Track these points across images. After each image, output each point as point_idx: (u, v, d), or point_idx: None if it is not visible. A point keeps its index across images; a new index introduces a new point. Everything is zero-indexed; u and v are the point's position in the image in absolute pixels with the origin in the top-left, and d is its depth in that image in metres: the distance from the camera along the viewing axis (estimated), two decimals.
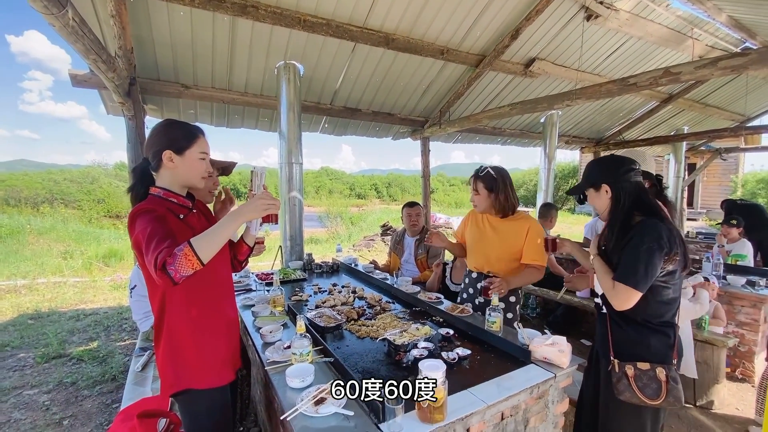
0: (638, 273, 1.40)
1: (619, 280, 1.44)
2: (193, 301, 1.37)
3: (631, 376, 1.48)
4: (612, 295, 1.47)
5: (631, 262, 1.43)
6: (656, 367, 1.48)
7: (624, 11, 4.24)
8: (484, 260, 2.24)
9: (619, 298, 1.44)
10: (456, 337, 1.91)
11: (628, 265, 1.43)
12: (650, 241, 1.42)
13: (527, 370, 1.57)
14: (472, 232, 2.34)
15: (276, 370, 1.55)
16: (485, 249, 2.24)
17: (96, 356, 3.66)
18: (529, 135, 6.95)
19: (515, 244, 2.14)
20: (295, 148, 3.65)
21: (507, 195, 2.15)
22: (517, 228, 2.15)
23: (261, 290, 2.74)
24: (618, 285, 1.44)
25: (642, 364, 1.49)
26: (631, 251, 1.44)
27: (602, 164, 1.65)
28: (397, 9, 3.52)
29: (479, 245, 2.28)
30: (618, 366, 1.51)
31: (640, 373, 1.48)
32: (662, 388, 1.45)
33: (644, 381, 1.47)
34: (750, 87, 6.78)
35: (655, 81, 2.73)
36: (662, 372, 1.47)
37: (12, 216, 12.17)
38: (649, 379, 1.47)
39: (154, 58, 3.46)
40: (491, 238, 2.22)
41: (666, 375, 1.47)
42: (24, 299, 5.55)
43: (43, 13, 1.58)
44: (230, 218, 1.28)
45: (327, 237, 12.33)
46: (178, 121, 1.42)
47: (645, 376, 1.48)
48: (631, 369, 1.49)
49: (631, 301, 1.43)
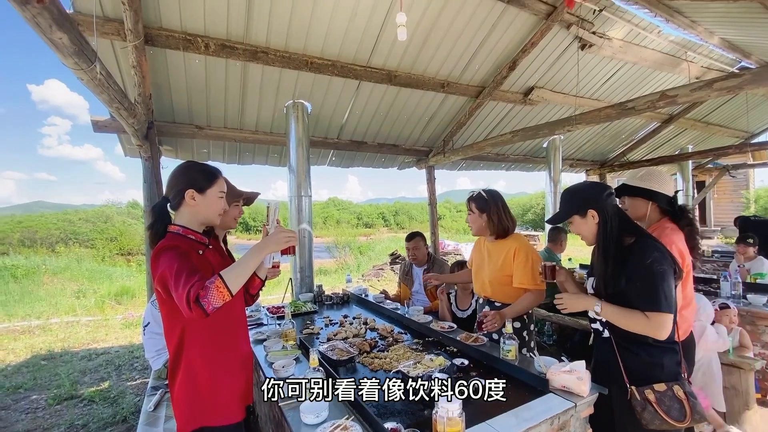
0: (668, 295, 1.42)
1: (653, 309, 1.42)
2: (211, 337, 1.39)
3: (653, 401, 1.44)
4: (649, 327, 1.44)
5: (655, 288, 1.42)
6: (673, 386, 1.45)
7: (617, 39, 4.40)
8: (481, 285, 2.28)
9: (659, 325, 1.42)
10: (471, 367, 1.88)
11: (654, 292, 1.42)
12: (662, 262, 1.44)
13: (546, 400, 1.53)
14: (476, 258, 2.38)
15: (290, 406, 1.53)
16: (482, 273, 2.28)
17: (107, 397, 3.63)
18: (532, 160, 7.04)
19: (505, 266, 2.14)
20: (304, 181, 3.75)
21: (499, 216, 2.16)
22: (506, 248, 2.15)
23: (272, 324, 2.73)
24: (653, 315, 1.42)
25: (659, 386, 1.46)
26: (649, 277, 1.44)
27: (584, 190, 1.68)
28: (398, 48, 3.71)
29: (479, 270, 2.32)
30: (638, 393, 1.47)
31: (661, 395, 1.44)
32: (685, 407, 1.42)
33: (667, 403, 1.43)
34: (750, 104, 6.85)
35: (652, 104, 2.80)
36: (679, 390, 1.44)
37: (28, 257, 12.44)
38: (670, 400, 1.43)
39: (170, 103, 3.66)
40: (486, 261, 2.26)
41: (684, 392, 1.44)
42: (38, 340, 5.58)
43: (73, 68, 1.72)
44: (255, 251, 1.36)
45: (336, 267, 12.31)
46: (199, 163, 1.50)
47: (666, 397, 1.44)
48: (651, 393, 1.45)
49: (670, 324, 1.43)
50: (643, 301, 1.45)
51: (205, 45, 3.06)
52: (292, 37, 3.31)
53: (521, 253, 2.11)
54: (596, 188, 1.65)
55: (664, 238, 1.74)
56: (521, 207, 28.15)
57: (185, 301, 1.17)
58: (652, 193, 1.86)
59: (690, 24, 3.86)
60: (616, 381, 1.55)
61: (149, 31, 2.85)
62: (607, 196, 1.60)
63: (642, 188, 1.87)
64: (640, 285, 1.45)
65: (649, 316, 1.43)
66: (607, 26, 4.21)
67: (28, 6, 1.16)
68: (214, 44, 3.09)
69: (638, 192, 1.89)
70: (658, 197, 1.86)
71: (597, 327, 1.67)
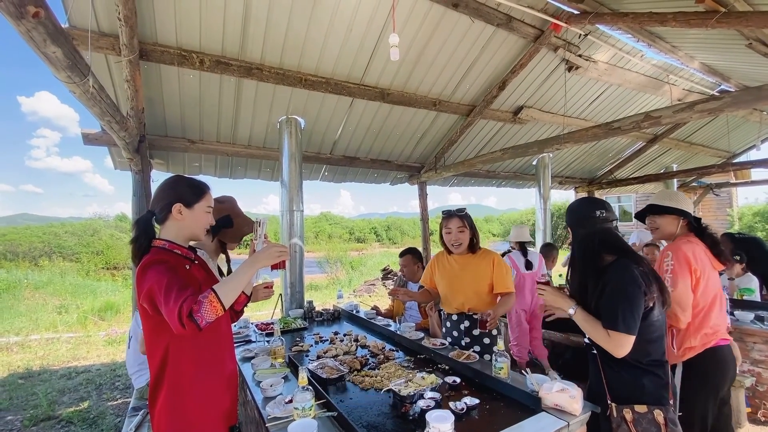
0: (627, 317, 1.43)
1: (612, 327, 1.45)
2: (196, 355, 1.36)
3: (630, 420, 1.44)
4: (609, 344, 1.47)
5: (617, 307, 1.45)
6: (654, 410, 1.45)
7: (602, 62, 4.56)
8: (464, 299, 2.33)
9: (617, 345, 1.45)
10: (463, 386, 1.85)
11: (615, 311, 1.45)
12: (629, 283, 1.46)
13: (538, 419, 1.51)
14: (443, 276, 2.43)
15: (277, 426, 1.49)
16: (462, 287, 2.34)
17: (86, 418, 3.48)
18: (522, 177, 7.15)
19: (485, 276, 2.30)
20: (296, 196, 3.75)
21: (476, 232, 2.38)
22: (486, 261, 2.32)
23: (261, 341, 2.68)
24: (613, 333, 1.45)
25: (639, 407, 1.46)
26: (614, 296, 1.47)
27: (572, 209, 1.73)
28: (391, 67, 3.79)
29: (455, 286, 2.37)
30: (616, 410, 1.48)
31: (639, 417, 1.44)
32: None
33: (644, 425, 1.43)
34: (731, 126, 7.10)
35: (637, 125, 2.89)
36: (660, 414, 1.44)
37: (10, 270, 12.08)
38: (648, 423, 1.43)
39: (163, 116, 3.66)
40: (463, 276, 2.34)
41: (664, 417, 1.44)
42: (15, 357, 5.37)
43: (66, 82, 1.72)
44: (248, 265, 1.36)
45: (327, 283, 12.19)
46: (187, 177, 1.50)
47: (644, 419, 1.44)
48: (629, 413, 1.45)
49: (628, 345, 1.44)
50: (605, 318, 1.48)
51: (200, 61, 3.09)
52: (287, 54, 3.37)
53: (500, 263, 2.32)
54: (582, 206, 1.69)
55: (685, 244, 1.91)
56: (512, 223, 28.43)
57: (177, 316, 1.15)
58: (683, 212, 2.02)
59: (671, 49, 4.03)
60: (600, 397, 1.55)
61: (144, 47, 2.87)
62: (592, 214, 1.63)
63: (674, 208, 2.04)
64: (605, 302, 1.49)
65: (610, 334, 1.46)
66: (592, 50, 4.37)
67: (23, 21, 1.16)
68: (209, 60, 3.12)
69: (670, 211, 2.05)
70: (688, 215, 2.03)
71: (587, 342, 1.68)
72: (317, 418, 1.48)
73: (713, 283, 1.94)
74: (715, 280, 1.96)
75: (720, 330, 1.93)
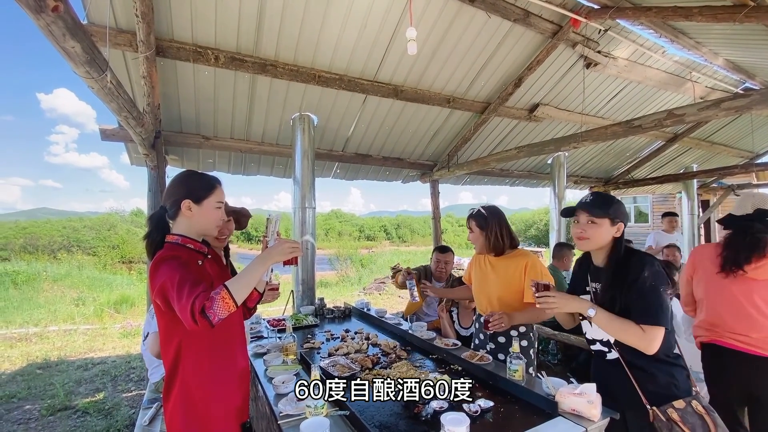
0: (661, 309, 1.42)
1: (648, 322, 1.42)
2: (209, 351, 1.36)
3: (678, 420, 1.39)
4: (642, 340, 1.43)
5: (652, 301, 1.43)
6: (691, 401, 1.42)
7: (622, 59, 4.44)
8: (487, 302, 2.22)
9: (651, 339, 1.42)
10: (477, 387, 1.82)
11: (651, 304, 1.43)
12: (658, 276, 1.46)
13: (555, 424, 1.47)
14: (476, 274, 2.33)
15: (289, 424, 1.49)
16: (487, 290, 2.22)
17: (101, 408, 3.55)
18: (537, 176, 7.03)
19: (514, 282, 2.11)
20: (308, 193, 3.74)
21: (497, 233, 2.13)
22: (515, 265, 2.11)
23: (273, 337, 2.69)
24: (647, 328, 1.42)
25: (678, 403, 1.42)
26: (647, 290, 1.44)
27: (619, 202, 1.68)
28: (405, 63, 3.75)
29: (482, 287, 2.27)
30: (661, 414, 1.42)
31: (683, 413, 1.40)
32: (707, 421, 1.38)
33: (690, 420, 1.39)
34: (756, 125, 6.86)
35: (659, 123, 2.80)
36: (698, 405, 1.42)
37: (30, 263, 12.44)
38: (692, 417, 1.39)
39: (178, 113, 3.69)
40: (491, 278, 2.21)
41: (702, 406, 1.41)
42: (34, 347, 5.52)
43: (84, 77, 1.73)
44: (260, 261, 1.35)
45: (337, 280, 12.24)
46: (197, 172, 1.50)
47: (687, 414, 1.40)
48: (674, 413, 1.41)
49: (660, 339, 1.43)
50: (640, 313, 1.44)
51: (215, 57, 3.10)
52: (301, 51, 3.36)
53: (534, 270, 2.07)
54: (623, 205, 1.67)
55: None
56: (524, 222, 28.08)
57: (189, 313, 1.15)
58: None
59: (695, 45, 3.89)
60: (632, 404, 1.50)
61: (161, 43, 2.90)
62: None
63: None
64: (636, 297, 1.45)
65: (645, 329, 1.42)
66: (612, 46, 4.25)
67: (42, 15, 1.17)
68: (224, 57, 3.14)
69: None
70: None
71: (600, 348, 1.63)
72: (329, 417, 1.47)
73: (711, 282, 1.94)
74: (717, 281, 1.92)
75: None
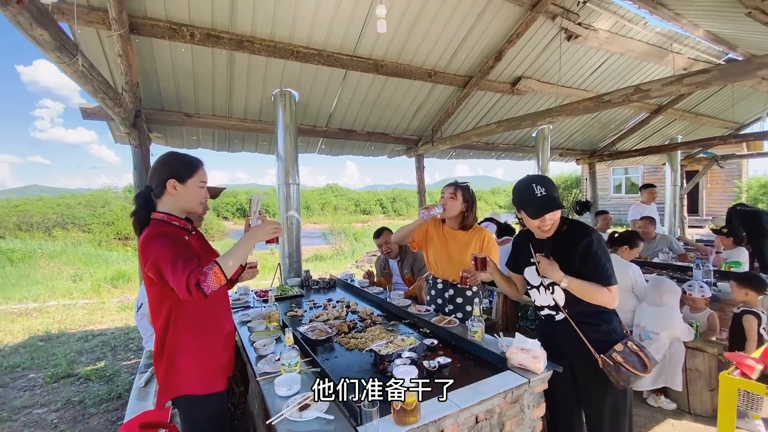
0: (613, 271, 1.65)
1: (612, 283, 1.63)
2: (195, 318, 1.51)
3: (621, 361, 1.58)
4: (611, 299, 1.64)
5: (608, 264, 1.64)
6: (627, 342, 1.62)
7: (603, 30, 4.43)
8: (453, 269, 2.42)
9: (615, 297, 1.64)
10: (440, 347, 2.01)
11: (609, 268, 1.63)
12: (603, 242, 1.67)
13: (503, 377, 1.66)
14: (437, 243, 2.51)
15: (266, 380, 1.66)
16: (450, 260, 2.45)
17: (103, 375, 3.78)
18: (522, 149, 7.10)
19: (475, 251, 2.35)
20: (292, 169, 3.82)
21: (473, 211, 2.43)
22: (475, 238, 2.42)
23: (258, 307, 2.86)
24: (612, 288, 1.63)
25: (618, 346, 1.62)
26: (603, 256, 1.64)
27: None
28: (384, 37, 3.74)
29: (441, 256, 2.49)
30: (608, 359, 1.60)
31: (623, 354, 1.60)
32: (642, 357, 1.59)
33: (630, 359, 1.58)
34: (736, 97, 6.91)
35: (627, 98, 2.88)
36: (632, 344, 1.62)
37: (24, 240, 12.50)
38: (630, 356, 1.59)
39: (158, 90, 3.69)
40: (455, 249, 2.43)
41: (635, 345, 1.62)
42: (35, 322, 5.72)
43: (56, 62, 1.78)
44: (247, 239, 1.52)
45: (331, 254, 12.45)
46: (181, 153, 1.59)
47: (626, 354, 1.60)
48: (617, 356, 1.59)
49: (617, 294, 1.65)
50: (604, 277, 1.63)
51: (191, 34, 3.09)
52: (278, 26, 3.34)
53: (491, 242, 2.41)
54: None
55: None
56: None
57: (185, 286, 1.30)
58: None
59: (674, 16, 3.90)
60: (581, 356, 1.68)
61: (134, 20, 2.88)
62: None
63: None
64: (596, 263, 1.63)
65: (611, 290, 1.62)
66: (592, 17, 4.23)
67: (8, 6, 1.22)
68: (200, 33, 3.12)
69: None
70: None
71: (548, 312, 1.80)
72: (303, 374, 1.65)
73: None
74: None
75: None
